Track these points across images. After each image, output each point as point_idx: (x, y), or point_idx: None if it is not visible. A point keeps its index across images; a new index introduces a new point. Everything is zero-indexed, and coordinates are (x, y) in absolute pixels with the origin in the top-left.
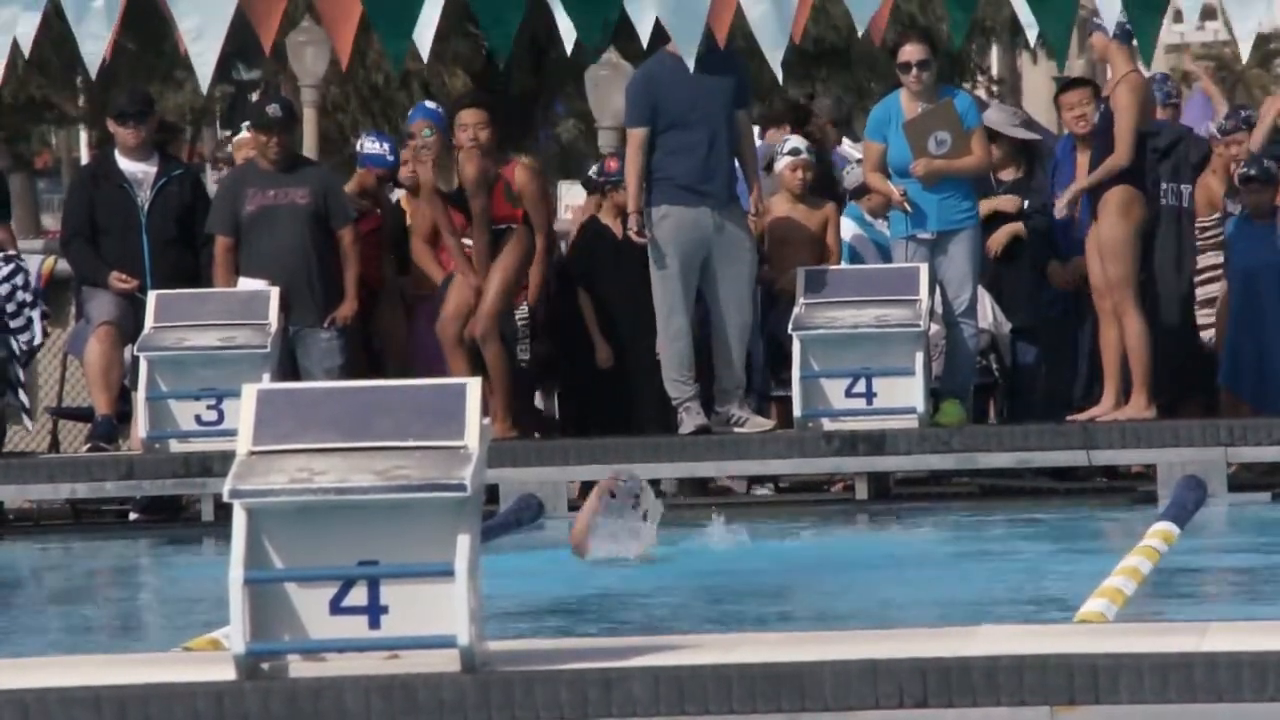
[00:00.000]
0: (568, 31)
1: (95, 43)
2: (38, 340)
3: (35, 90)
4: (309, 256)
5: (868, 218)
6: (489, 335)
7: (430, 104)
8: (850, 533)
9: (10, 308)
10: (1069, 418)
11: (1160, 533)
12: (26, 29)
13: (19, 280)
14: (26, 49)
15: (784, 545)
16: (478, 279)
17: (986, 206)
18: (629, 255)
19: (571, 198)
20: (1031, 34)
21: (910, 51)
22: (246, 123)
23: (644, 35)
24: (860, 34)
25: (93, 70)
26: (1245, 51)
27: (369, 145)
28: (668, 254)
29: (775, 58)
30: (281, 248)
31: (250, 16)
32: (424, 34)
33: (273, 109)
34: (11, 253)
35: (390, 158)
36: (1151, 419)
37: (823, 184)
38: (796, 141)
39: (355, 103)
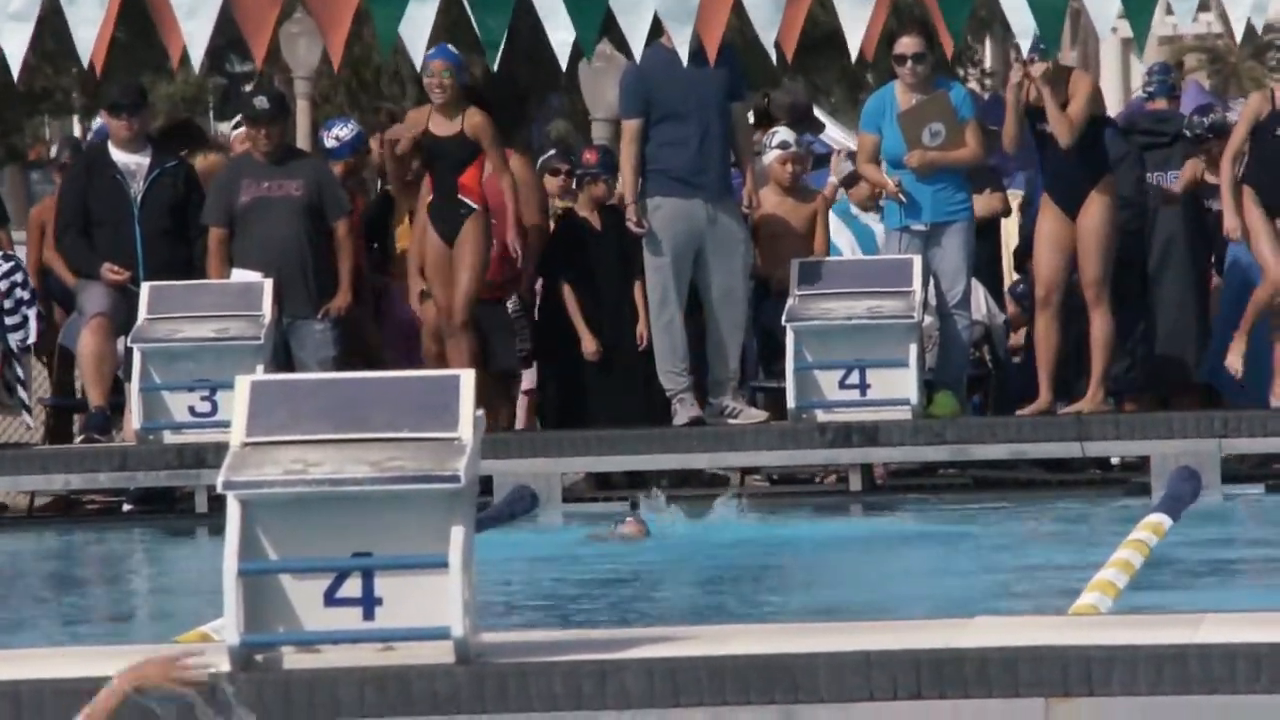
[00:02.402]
0: (561, 45)
1: (89, 28)
2: (31, 339)
3: (36, 83)
4: (303, 248)
5: (854, 209)
6: (466, 325)
7: (452, 47)
8: (843, 524)
9: (8, 304)
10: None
11: (1152, 524)
12: (16, 46)
13: (17, 278)
14: (16, 67)
15: (777, 537)
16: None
17: (981, 207)
18: (606, 248)
19: None
20: (1024, 42)
21: (907, 44)
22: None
23: (636, 48)
24: (854, 58)
25: (85, 57)
26: (1239, 34)
27: (343, 132)
28: (660, 245)
29: (768, 38)
30: (276, 239)
31: (241, 26)
32: (417, 37)
33: (260, 101)
34: (10, 252)
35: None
36: (1109, 411)
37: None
38: (785, 134)
39: (344, 95)
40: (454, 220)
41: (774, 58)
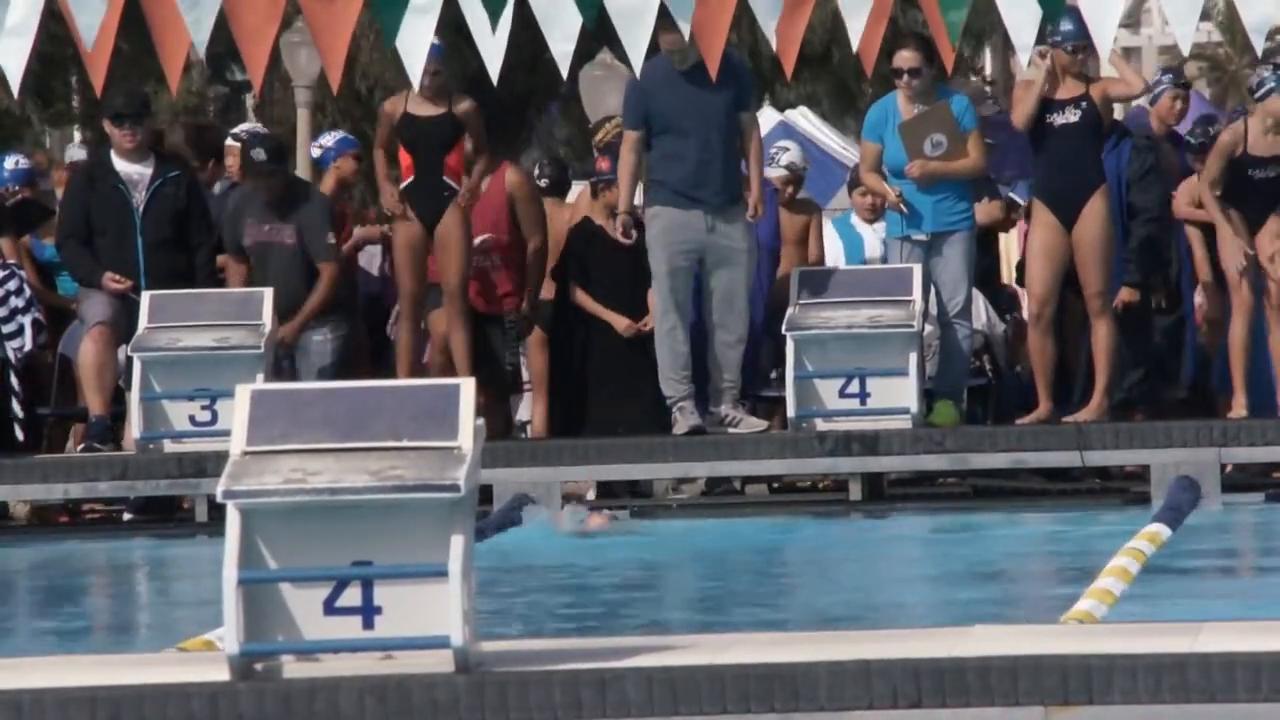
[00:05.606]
0: (562, 57)
1: (91, 19)
2: (28, 347)
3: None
4: (300, 290)
5: (853, 219)
6: (463, 309)
7: (436, 40)
8: (843, 533)
9: (3, 313)
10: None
11: (1149, 534)
12: (15, 63)
13: (12, 285)
14: (16, 83)
15: (776, 546)
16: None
17: (983, 215)
18: (621, 255)
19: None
20: (1024, 56)
21: (904, 58)
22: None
23: (636, 61)
24: (855, 49)
25: (88, 42)
26: (1259, 45)
27: (328, 139)
28: (660, 254)
29: (770, 27)
30: (277, 280)
31: (240, 45)
32: (415, 57)
33: (258, 153)
34: (11, 261)
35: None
36: (1109, 420)
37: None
38: (794, 156)
39: (337, 106)
40: (437, 202)
41: (774, 69)
